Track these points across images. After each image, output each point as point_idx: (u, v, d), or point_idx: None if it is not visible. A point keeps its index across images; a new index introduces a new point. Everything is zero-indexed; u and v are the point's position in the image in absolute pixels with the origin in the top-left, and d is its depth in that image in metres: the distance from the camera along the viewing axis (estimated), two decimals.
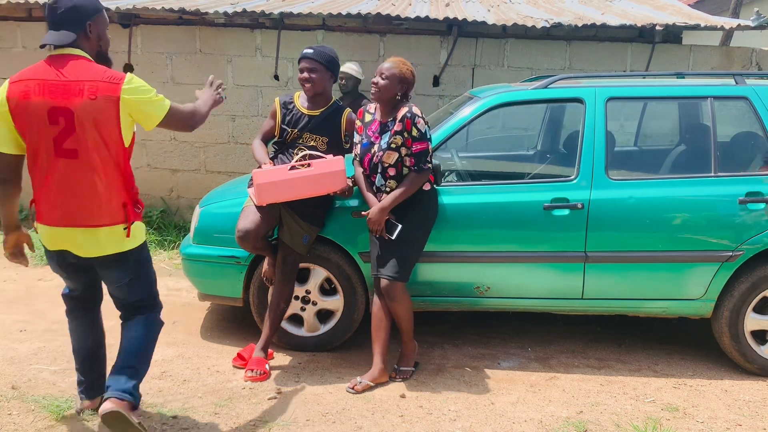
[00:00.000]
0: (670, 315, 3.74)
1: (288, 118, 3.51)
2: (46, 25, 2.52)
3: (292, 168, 3.31)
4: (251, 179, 3.41)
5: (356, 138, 3.46)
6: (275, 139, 3.59)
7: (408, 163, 3.26)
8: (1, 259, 5.27)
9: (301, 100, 3.53)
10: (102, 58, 2.61)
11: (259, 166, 3.39)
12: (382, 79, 3.26)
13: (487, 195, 3.60)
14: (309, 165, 3.32)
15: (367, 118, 3.44)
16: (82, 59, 2.49)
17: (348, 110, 3.56)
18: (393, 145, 3.25)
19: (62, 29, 2.47)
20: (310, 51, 3.42)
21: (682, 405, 3.27)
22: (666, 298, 3.63)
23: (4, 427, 2.84)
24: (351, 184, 3.45)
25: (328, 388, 3.32)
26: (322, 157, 3.36)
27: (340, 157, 3.39)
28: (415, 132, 3.22)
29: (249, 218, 3.37)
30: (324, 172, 3.30)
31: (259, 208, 3.38)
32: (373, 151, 3.33)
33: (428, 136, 3.28)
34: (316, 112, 3.49)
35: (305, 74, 3.41)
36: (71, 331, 2.88)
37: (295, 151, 3.47)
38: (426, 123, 3.29)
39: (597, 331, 4.21)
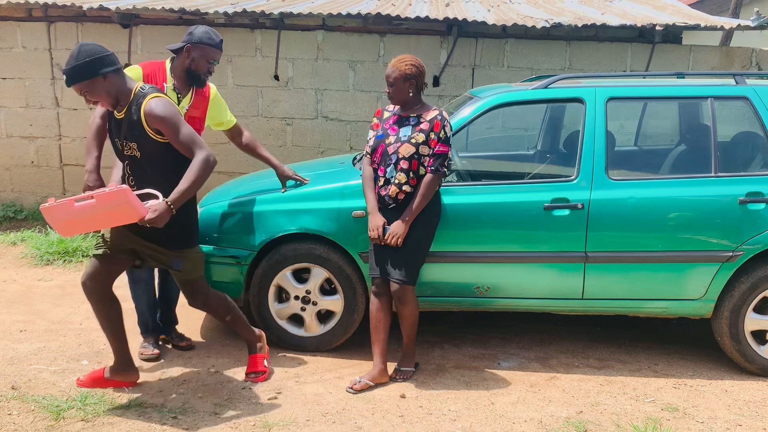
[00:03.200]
0: (670, 315, 3.73)
1: (110, 125, 3.05)
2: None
3: (78, 201, 2.80)
4: None
5: (370, 134, 3.47)
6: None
7: (427, 163, 3.28)
8: (0, 259, 5.30)
9: None
10: (190, 75, 3.47)
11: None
12: (390, 87, 3.32)
13: (487, 195, 3.60)
14: (91, 198, 2.80)
15: (386, 115, 3.47)
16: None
17: (149, 97, 2.87)
18: (413, 140, 3.28)
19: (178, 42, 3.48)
20: (64, 76, 2.85)
21: (682, 405, 3.27)
22: (666, 298, 3.63)
23: (4, 427, 2.84)
24: (152, 216, 2.81)
25: (328, 388, 3.33)
26: (104, 189, 2.84)
27: (123, 188, 2.78)
28: (442, 134, 3.28)
29: (88, 268, 3.06)
30: (105, 205, 2.80)
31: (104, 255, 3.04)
32: (388, 141, 3.34)
33: (450, 143, 3.33)
34: (122, 115, 2.93)
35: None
36: None
37: (125, 165, 3.05)
38: (451, 129, 3.37)
39: (597, 331, 4.22)
